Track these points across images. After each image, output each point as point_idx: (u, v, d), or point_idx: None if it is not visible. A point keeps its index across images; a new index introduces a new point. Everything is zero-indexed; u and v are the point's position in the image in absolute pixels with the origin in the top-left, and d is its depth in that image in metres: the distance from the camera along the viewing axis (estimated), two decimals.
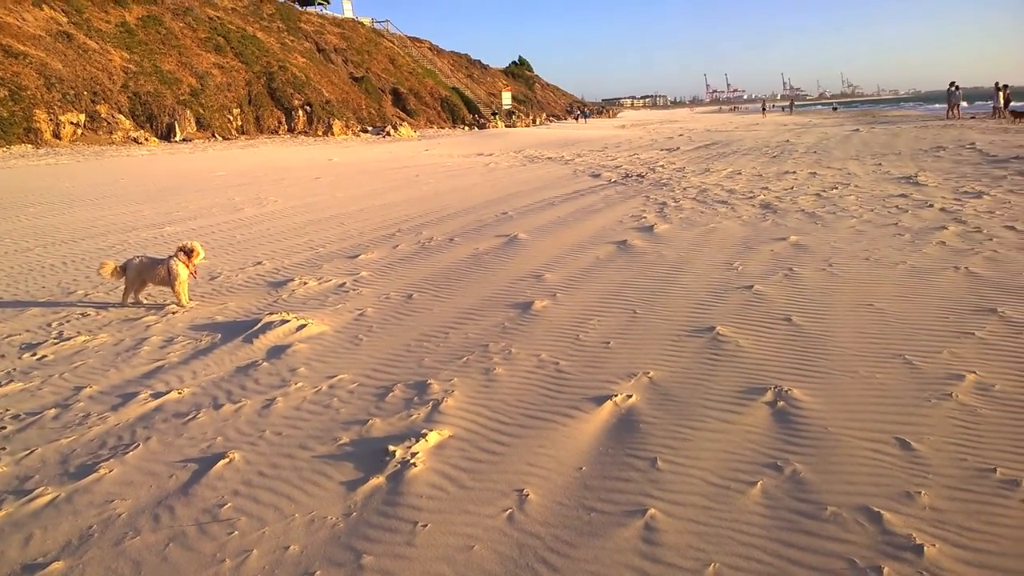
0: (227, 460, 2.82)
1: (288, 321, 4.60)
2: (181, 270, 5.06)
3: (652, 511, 2.33)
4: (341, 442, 2.96)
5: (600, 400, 3.25)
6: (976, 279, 4.99)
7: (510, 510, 2.38)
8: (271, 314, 4.75)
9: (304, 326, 4.55)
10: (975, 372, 3.35)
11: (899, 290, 4.80)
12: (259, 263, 6.71)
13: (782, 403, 3.12)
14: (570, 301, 4.97)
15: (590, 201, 10.22)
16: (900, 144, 17.84)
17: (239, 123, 31.01)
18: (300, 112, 33.32)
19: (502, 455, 2.79)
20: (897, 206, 8.31)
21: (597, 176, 13.67)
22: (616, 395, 3.28)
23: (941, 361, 3.52)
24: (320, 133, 33.33)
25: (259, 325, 4.54)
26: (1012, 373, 3.33)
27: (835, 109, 74.18)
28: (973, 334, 3.88)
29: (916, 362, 3.52)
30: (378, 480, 2.61)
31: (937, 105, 47.04)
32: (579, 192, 11.34)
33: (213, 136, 28.61)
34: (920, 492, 2.37)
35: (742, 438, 2.83)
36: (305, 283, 5.83)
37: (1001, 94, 30.22)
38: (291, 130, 32.91)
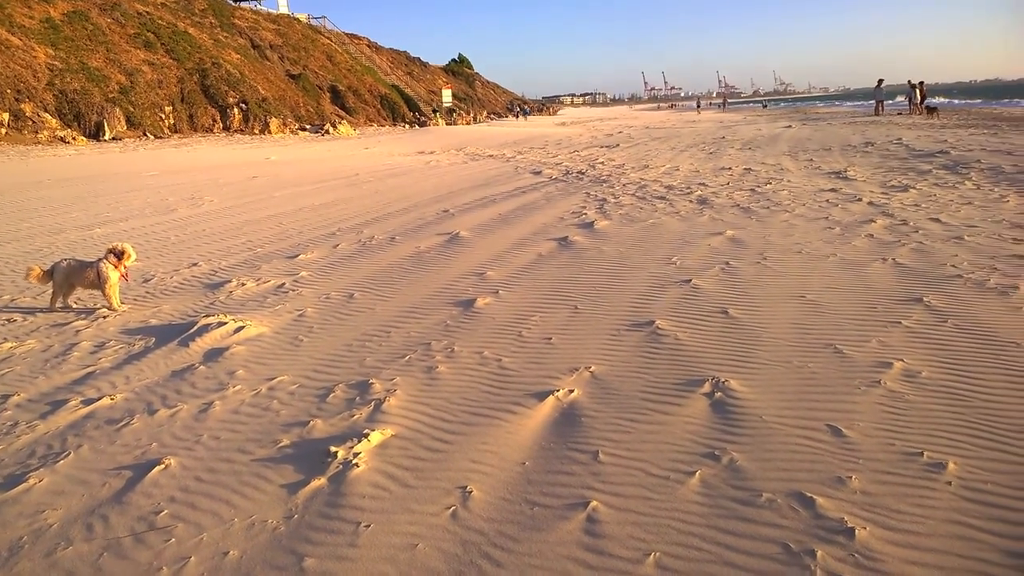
0: (163, 466, 2.72)
1: (225, 323, 4.47)
2: (111, 273, 4.86)
3: (594, 503, 2.35)
4: (281, 444, 2.89)
5: (542, 395, 3.26)
6: (903, 270, 5.21)
7: (454, 507, 2.37)
8: (208, 316, 4.61)
9: (242, 328, 4.42)
10: (902, 360, 3.50)
11: (830, 282, 4.98)
12: (195, 264, 6.50)
13: (719, 394, 3.19)
14: (512, 298, 4.98)
15: (532, 198, 10.26)
16: (830, 140, 18.51)
17: (172, 121, 29.94)
18: (235, 110, 32.39)
19: (445, 453, 2.77)
20: (828, 200, 8.62)
21: (538, 173, 13.73)
22: (558, 390, 3.30)
23: (870, 350, 3.66)
24: (257, 131, 32.47)
25: (195, 328, 4.40)
26: (937, 360, 3.49)
27: (765, 106, 76.76)
28: (900, 323, 4.05)
29: (846, 351, 3.65)
30: (320, 482, 2.56)
31: (864, 102, 48.98)
32: (521, 189, 11.37)
33: (145, 135, 27.55)
34: (851, 477, 2.45)
35: (681, 429, 2.89)
36: (243, 284, 5.68)
37: (916, 91, 31.89)
38: (226, 128, 31.95)
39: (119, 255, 4.88)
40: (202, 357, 4.00)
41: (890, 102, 33.92)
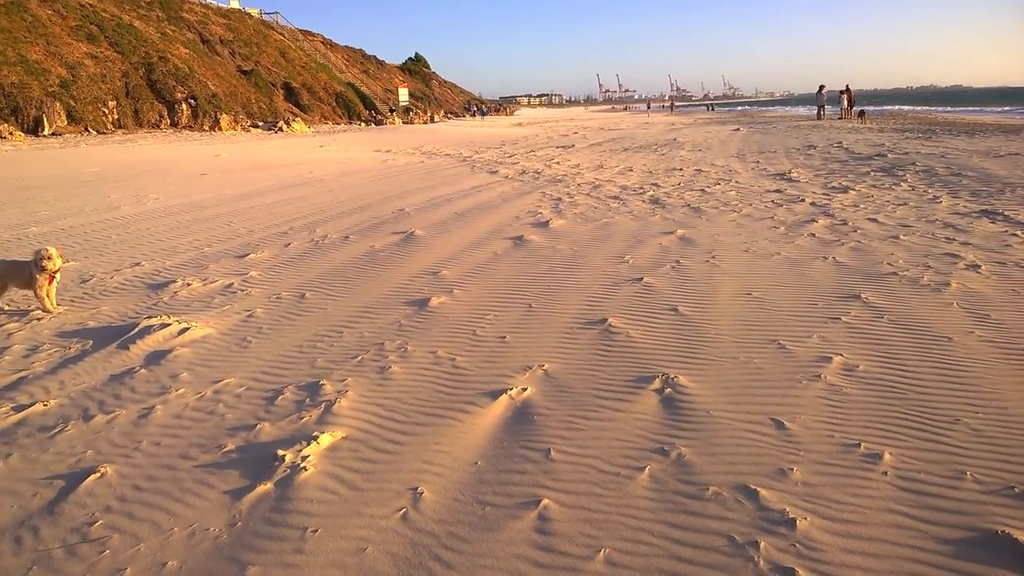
0: (98, 475, 2.62)
1: (169, 325, 4.34)
2: (40, 274, 4.64)
3: (545, 501, 2.37)
4: (226, 449, 2.82)
5: (496, 394, 3.27)
6: (842, 268, 5.39)
7: (404, 509, 2.35)
8: (150, 318, 4.47)
9: (187, 329, 4.31)
10: (842, 354, 3.62)
11: (774, 279, 5.11)
12: (137, 264, 6.30)
13: (669, 390, 3.25)
14: (467, 297, 4.98)
15: (487, 197, 10.26)
16: (776, 143, 19.02)
17: (116, 116, 28.90)
18: (184, 105, 31.46)
19: (397, 454, 2.75)
20: (773, 201, 8.86)
21: (495, 173, 13.74)
22: (511, 388, 3.31)
23: (811, 345, 3.77)
24: (206, 128, 31.60)
25: (136, 330, 4.26)
26: (874, 354, 3.62)
27: (712, 109, 78.90)
28: (840, 319, 4.18)
29: (789, 346, 3.75)
30: (266, 487, 2.51)
31: (808, 107, 50.43)
32: (477, 188, 11.36)
33: (87, 130, 26.54)
34: (793, 468, 2.52)
35: (632, 425, 2.93)
36: (189, 284, 5.52)
37: (845, 96, 33.20)
38: (174, 124, 31.01)
39: (41, 262, 4.55)
40: (143, 360, 3.88)
41: (830, 107, 35.20)
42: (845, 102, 33.18)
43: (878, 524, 2.20)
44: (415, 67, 77.75)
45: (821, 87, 35.02)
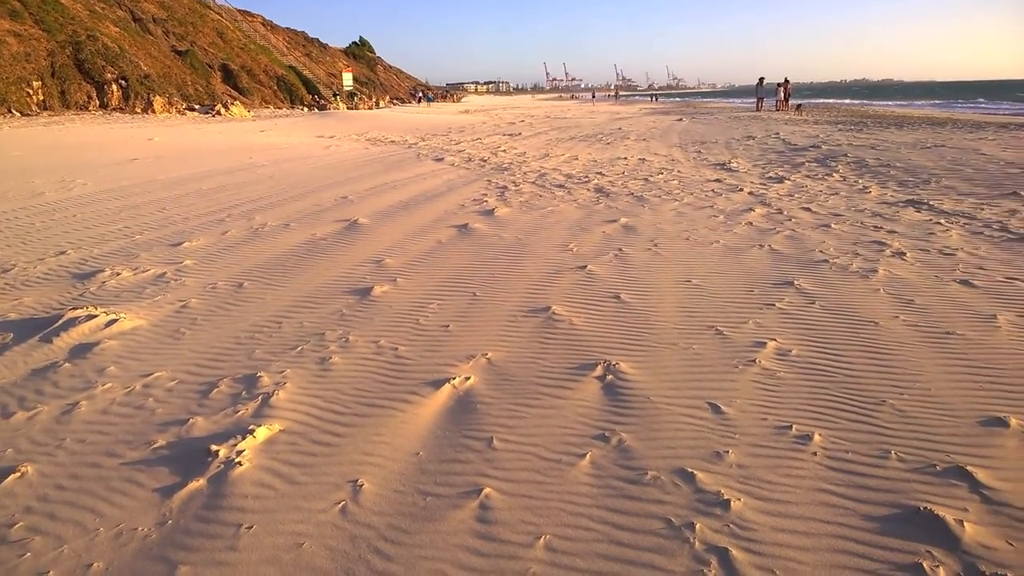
0: (18, 474, 2.50)
1: (96, 316, 4.16)
2: None
3: (487, 490, 2.37)
4: (156, 445, 2.72)
5: (439, 383, 3.25)
6: (777, 255, 5.54)
7: (343, 502, 2.31)
8: (75, 309, 4.27)
9: (115, 321, 4.13)
10: (776, 339, 3.72)
11: (713, 267, 5.23)
12: (63, 253, 6.01)
13: (611, 377, 3.29)
14: (411, 285, 4.92)
15: (433, 185, 10.17)
16: (716, 133, 19.41)
17: (41, 98, 27.45)
18: (114, 87, 30.06)
19: (337, 446, 2.70)
20: (713, 190, 9.05)
21: (440, 160, 13.62)
22: (455, 378, 3.29)
23: (747, 331, 3.87)
24: (139, 110, 30.32)
25: (60, 322, 4.06)
26: (806, 339, 3.74)
27: (655, 99, 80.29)
28: (774, 305, 4.31)
29: (726, 332, 3.85)
30: (198, 483, 2.43)
31: (748, 98, 51.66)
32: (422, 176, 11.24)
33: (9, 112, 25.15)
34: (728, 451, 2.59)
35: (574, 412, 2.95)
36: (118, 274, 5.30)
37: (782, 89, 34.26)
38: (104, 106, 29.63)
39: None
40: (67, 354, 3.71)
41: (768, 99, 36.20)
42: (782, 94, 34.17)
43: (808, 503, 2.28)
44: (359, 51, 76.26)
45: (761, 79, 35.87)
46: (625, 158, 13.29)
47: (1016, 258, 5.33)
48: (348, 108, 46.82)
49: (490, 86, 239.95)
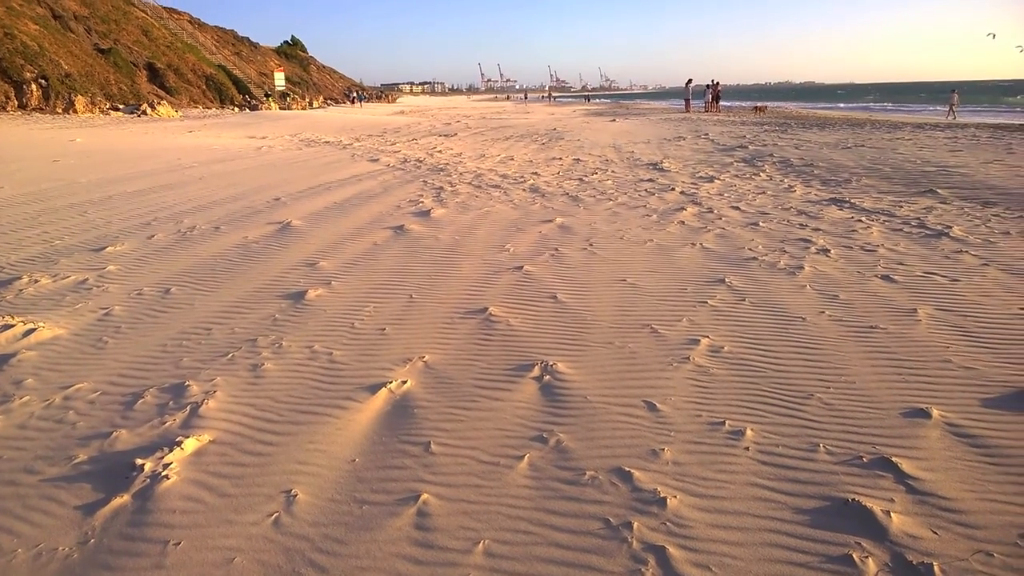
0: None
1: (12, 326, 3.93)
2: None
3: (425, 496, 2.33)
4: (77, 460, 2.58)
5: (375, 388, 3.19)
6: (709, 254, 5.68)
7: (276, 514, 2.24)
8: None
9: (33, 331, 3.91)
10: (708, 336, 3.81)
11: (647, 265, 5.32)
12: None
13: (548, 377, 3.30)
14: (346, 289, 4.83)
15: (368, 186, 10.01)
16: (648, 134, 19.80)
17: None
18: (33, 86, 28.38)
19: (269, 456, 2.62)
20: (646, 190, 9.22)
21: (376, 161, 13.43)
22: (391, 382, 3.24)
23: (681, 328, 3.95)
24: (60, 110, 28.73)
25: None
26: (737, 335, 3.84)
27: (588, 100, 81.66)
28: (706, 302, 4.41)
29: (661, 330, 3.91)
30: (122, 499, 2.31)
31: (678, 99, 52.96)
32: (357, 177, 11.06)
33: None
34: (664, 449, 2.63)
35: (512, 414, 2.95)
36: (36, 281, 5.01)
37: (711, 91, 35.40)
38: (23, 107, 27.95)
39: None
40: None
41: (696, 101, 37.17)
42: (710, 96, 35.19)
43: (742, 498, 2.33)
44: (291, 51, 74.45)
45: (689, 81, 36.80)
46: (560, 158, 13.40)
47: (934, 253, 5.62)
48: (281, 108, 45.70)
49: (425, 87, 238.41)
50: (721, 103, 35.05)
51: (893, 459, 2.54)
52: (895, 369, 3.37)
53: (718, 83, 35.48)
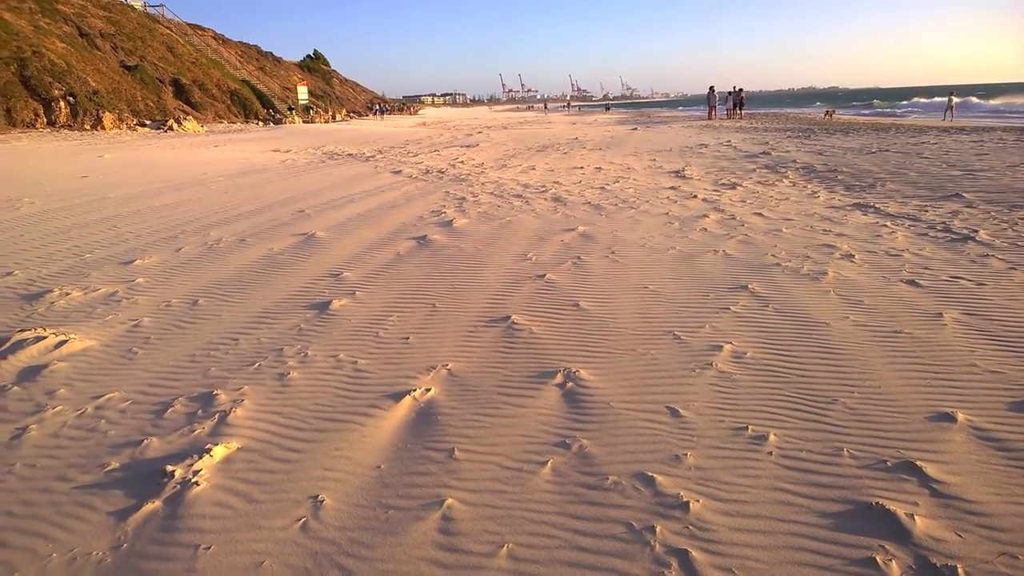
0: None
1: (45, 337, 4.04)
2: None
3: (449, 501, 2.37)
4: (109, 468, 2.66)
5: (399, 396, 3.23)
6: (731, 260, 5.67)
7: (304, 519, 2.29)
8: (23, 331, 4.14)
9: (65, 342, 4.02)
10: (731, 342, 3.81)
11: (669, 273, 5.32)
12: (9, 274, 5.81)
13: (571, 384, 3.32)
14: (370, 299, 4.90)
15: (391, 197, 10.13)
16: (670, 142, 19.77)
17: None
18: (62, 103, 29.17)
19: (296, 463, 2.67)
20: (668, 197, 9.21)
21: (398, 172, 13.58)
22: (415, 389, 3.29)
23: (703, 335, 3.95)
24: (88, 127, 29.46)
25: (7, 344, 3.94)
26: (760, 341, 3.83)
27: (608, 109, 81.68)
28: (729, 309, 4.40)
29: (683, 337, 3.92)
30: (154, 505, 2.38)
31: (700, 107, 52.72)
32: (380, 188, 11.19)
33: None
34: (687, 454, 2.64)
35: (535, 421, 2.97)
36: (68, 294, 5.15)
37: (733, 97, 35.22)
38: (52, 123, 28.71)
39: None
40: (16, 377, 3.59)
41: (720, 108, 36.94)
42: (732, 103, 35.01)
43: (765, 502, 2.33)
44: (314, 64, 75.68)
45: (711, 88, 36.65)
46: (582, 167, 13.43)
47: (959, 258, 5.56)
48: (304, 122, 46.36)
49: (447, 98, 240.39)
50: (744, 110, 34.81)
51: (918, 463, 2.52)
52: (920, 373, 3.34)
53: (741, 89, 35.26)
